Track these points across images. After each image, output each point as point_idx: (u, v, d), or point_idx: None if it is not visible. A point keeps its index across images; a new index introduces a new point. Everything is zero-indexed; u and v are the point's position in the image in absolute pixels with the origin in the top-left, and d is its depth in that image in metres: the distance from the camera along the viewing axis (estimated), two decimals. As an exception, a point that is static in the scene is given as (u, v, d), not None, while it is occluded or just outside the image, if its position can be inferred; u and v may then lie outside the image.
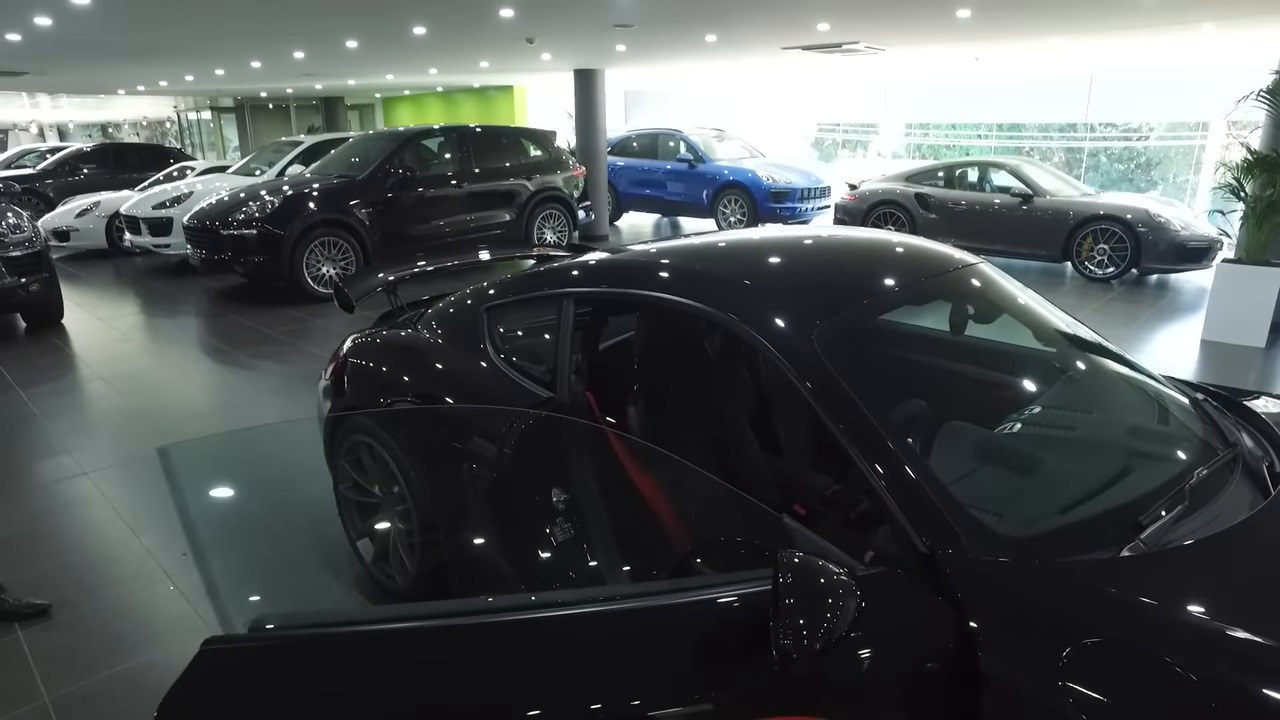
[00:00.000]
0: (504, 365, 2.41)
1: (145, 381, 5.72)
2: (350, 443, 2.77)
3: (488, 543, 2.39)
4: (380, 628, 1.27)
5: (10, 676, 2.53)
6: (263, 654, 1.21)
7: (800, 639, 1.12)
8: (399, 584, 2.67)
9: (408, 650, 1.23)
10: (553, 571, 2.07)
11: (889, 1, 7.05)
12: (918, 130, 20.40)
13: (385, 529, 2.75)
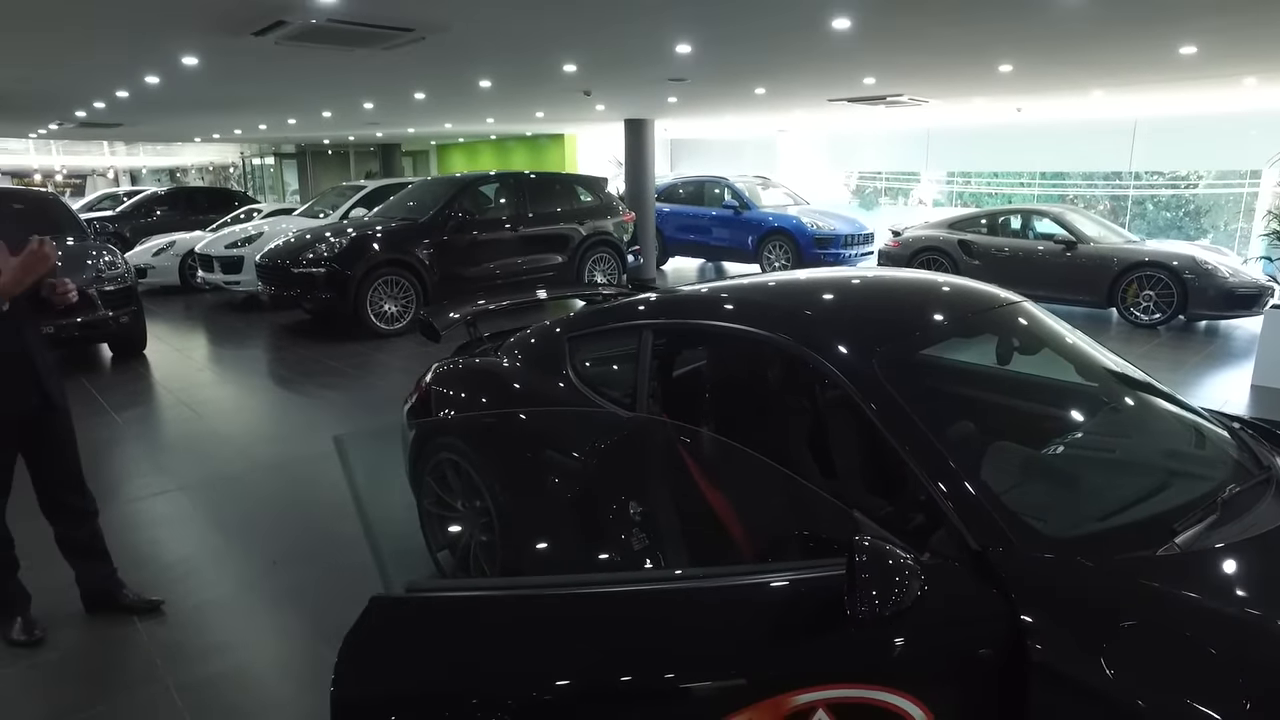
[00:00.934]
0: (584, 388, 2.66)
1: (224, 407, 6.09)
2: (436, 460, 3.02)
3: (566, 552, 2.60)
4: (509, 593, 1.51)
5: (135, 661, 2.79)
6: (416, 608, 1.45)
7: (873, 606, 1.32)
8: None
9: (529, 612, 1.47)
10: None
11: (933, 57, 7.33)
12: (959, 179, 20.55)
13: (466, 541, 2.99)
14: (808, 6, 5.24)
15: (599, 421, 2.50)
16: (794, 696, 1.40)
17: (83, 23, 5.50)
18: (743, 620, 1.50)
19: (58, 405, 2.78)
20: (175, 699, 2.60)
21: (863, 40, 6.38)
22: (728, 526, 2.23)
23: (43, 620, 2.93)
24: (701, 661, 1.45)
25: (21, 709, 2.55)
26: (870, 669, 1.46)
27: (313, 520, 3.96)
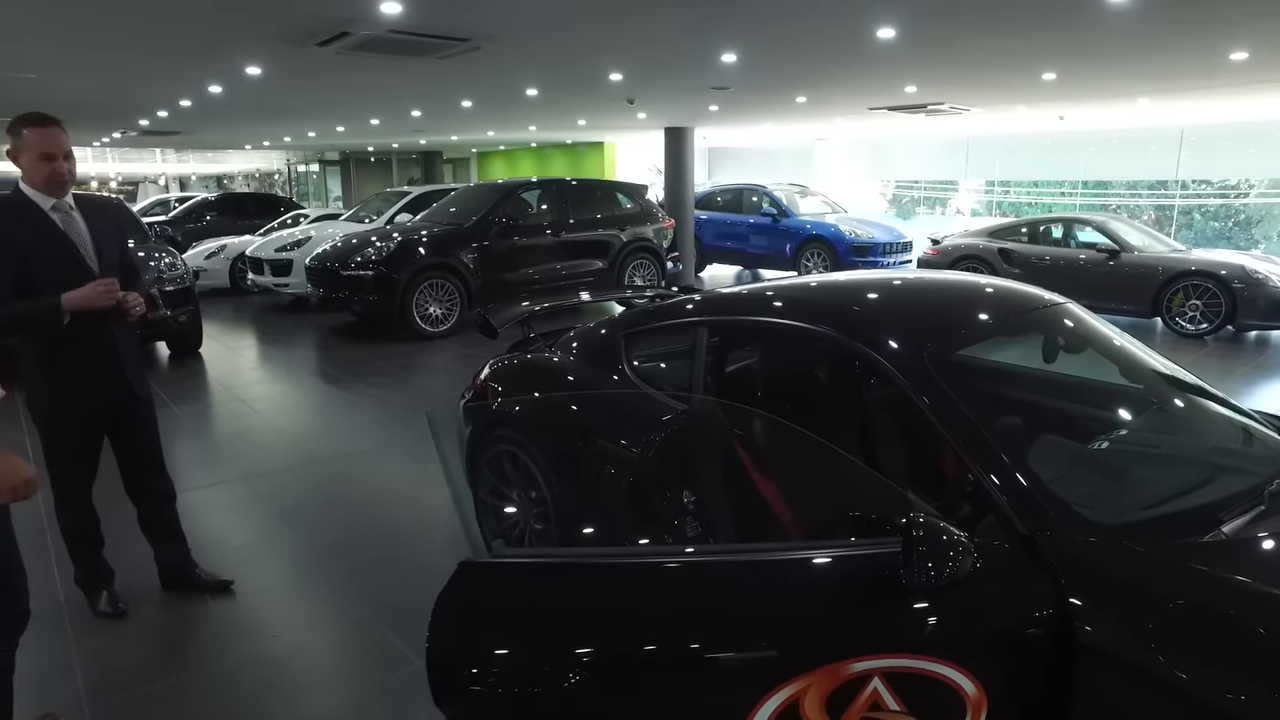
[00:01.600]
0: (640, 383, 2.77)
1: (277, 404, 6.31)
2: (494, 451, 3.15)
3: (620, 540, 2.71)
4: (585, 560, 1.63)
5: (208, 636, 2.96)
6: (501, 572, 1.58)
7: (928, 576, 1.41)
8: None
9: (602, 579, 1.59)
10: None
11: (976, 66, 7.36)
12: (998, 188, 20.36)
13: (522, 529, 3.11)
14: (854, 17, 5.33)
15: (657, 406, 2.61)
16: (850, 664, 1.49)
17: (163, 36, 5.78)
18: (801, 592, 1.60)
19: (140, 395, 2.95)
20: (246, 672, 2.75)
21: (906, 49, 6.44)
22: (779, 515, 2.32)
23: (125, 595, 3.11)
24: (762, 629, 1.55)
25: (109, 676, 2.72)
26: (924, 641, 1.55)
27: (366, 511, 4.12)
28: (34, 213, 2.67)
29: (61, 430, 2.84)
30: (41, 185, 2.67)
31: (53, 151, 2.62)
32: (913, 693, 1.51)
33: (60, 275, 2.65)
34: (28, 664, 2.78)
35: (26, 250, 2.62)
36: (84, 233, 2.76)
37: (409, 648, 2.83)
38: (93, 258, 2.76)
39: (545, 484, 2.86)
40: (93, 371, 2.80)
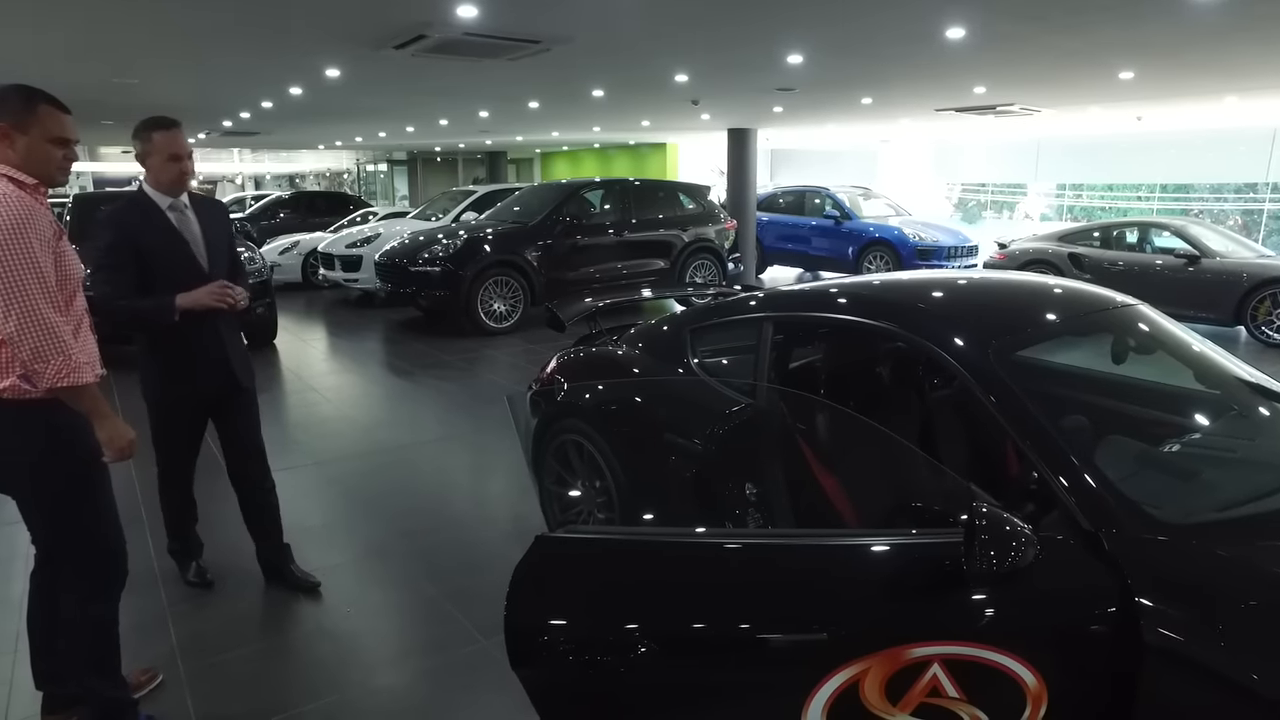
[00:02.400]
0: (705, 376, 2.83)
1: (348, 393, 6.55)
2: (559, 442, 3.24)
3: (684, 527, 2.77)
4: (653, 539, 1.70)
5: (286, 608, 3.14)
6: (574, 547, 1.67)
7: (989, 564, 1.44)
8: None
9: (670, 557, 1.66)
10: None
11: (1048, 66, 7.20)
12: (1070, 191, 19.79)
13: (585, 518, 3.20)
14: (923, 17, 5.29)
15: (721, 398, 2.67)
16: (911, 649, 1.52)
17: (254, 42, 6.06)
18: (862, 578, 1.64)
19: (244, 386, 3.09)
20: (323, 643, 2.90)
21: (976, 49, 6.35)
22: (840, 508, 2.36)
23: (213, 568, 3.30)
24: (824, 612, 1.59)
25: (198, 638, 2.90)
26: (984, 630, 1.57)
27: (432, 497, 4.28)
28: (153, 212, 2.84)
29: (168, 416, 3.01)
30: (166, 185, 2.83)
31: (179, 152, 2.79)
32: (973, 680, 1.53)
33: (173, 271, 2.83)
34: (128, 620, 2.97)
35: (145, 248, 2.80)
36: (196, 230, 2.92)
37: (474, 627, 2.94)
38: (203, 254, 2.91)
39: (609, 473, 2.94)
40: (198, 362, 2.95)
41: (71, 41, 5.99)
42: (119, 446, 2.12)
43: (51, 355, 1.95)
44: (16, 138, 2.04)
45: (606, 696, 1.58)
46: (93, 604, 2.24)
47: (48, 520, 2.17)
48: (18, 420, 2.03)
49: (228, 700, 2.58)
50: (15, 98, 2.05)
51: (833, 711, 1.51)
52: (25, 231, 1.94)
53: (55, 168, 2.11)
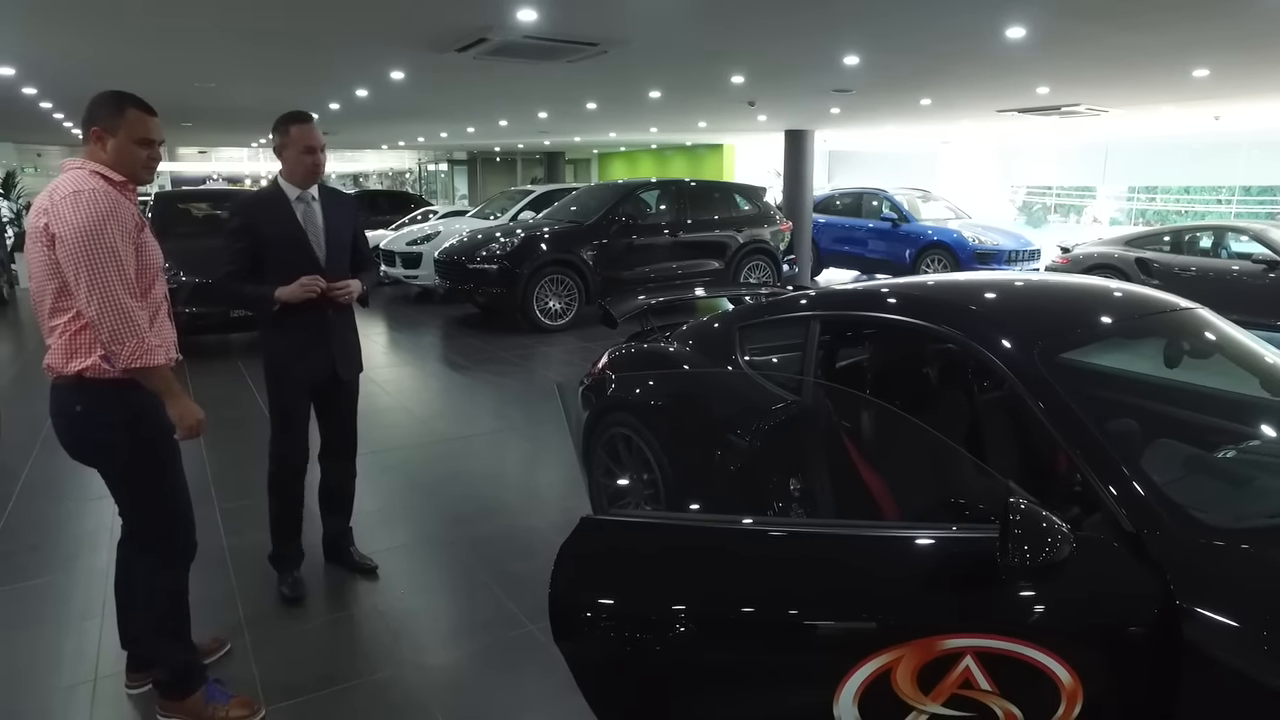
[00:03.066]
0: (753, 374, 2.88)
1: (407, 386, 6.74)
2: (609, 435, 3.32)
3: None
4: (695, 524, 1.77)
5: (346, 586, 3.28)
6: (618, 529, 1.75)
7: (1023, 557, 1.46)
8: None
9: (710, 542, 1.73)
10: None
11: (1115, 64, 7.02)
12: (1142, 194, 19.14)
13: (632, 508, 3.26)
14: (982, 16, 5.23)
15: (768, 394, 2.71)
16: (944, 640, 1.55)
17: (325, 46, 6.30)
18: (899, 568, 1.67)
19: (344, 378, 3.19)
20: (377, 621, 3.03)
21: (1038, 49, 6.24)
22: (883, 507, 2.38)
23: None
24: (859, 600, 1.63)
25: (261, 612, 3.06)
26: (1018, 625, 1.58)
27: (485, 487, 4.40)
28: (281, 202, 2.96)
29: (278, 394, 3.12)
30: (299, 177, 2.94)
31: (313, 145, 2.92)
32: (1006, 675, 1.54)
33: (287, 260, 2.93)
34: (200, 593, 3.15)
35: (264, 236, 2.93)
36: (319, 223, 3.01)
37: (522, 612, 3.03)
38: (321, 246, 3.00)
39: (657, 466, 3.01)
40: (307, 352, 3.04)
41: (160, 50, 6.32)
42: (188, 424, 2.25)
43: (127, 337, 2.09)
44: (108, 139, 2.19)
45: (643, 672, 1.65)
46: (162, 574, 2.39)
47: (123, 492, 2.32)
48: (99, 397, 2.19)
49: (289, 669, 2.72)
50: (107, 103, 2.20)
51: (865, 697, 1.54)
52: (108, 224, 2.08)
53: (141, 166, 2.24)
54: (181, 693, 2.40)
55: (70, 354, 2.16)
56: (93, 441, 2.25)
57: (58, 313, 2.16)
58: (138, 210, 2.25)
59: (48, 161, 21.71)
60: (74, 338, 2.15)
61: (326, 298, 2.97)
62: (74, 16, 5.23)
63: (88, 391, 2.18)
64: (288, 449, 3.16)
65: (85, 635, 2.90)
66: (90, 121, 2.21)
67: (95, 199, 2.08)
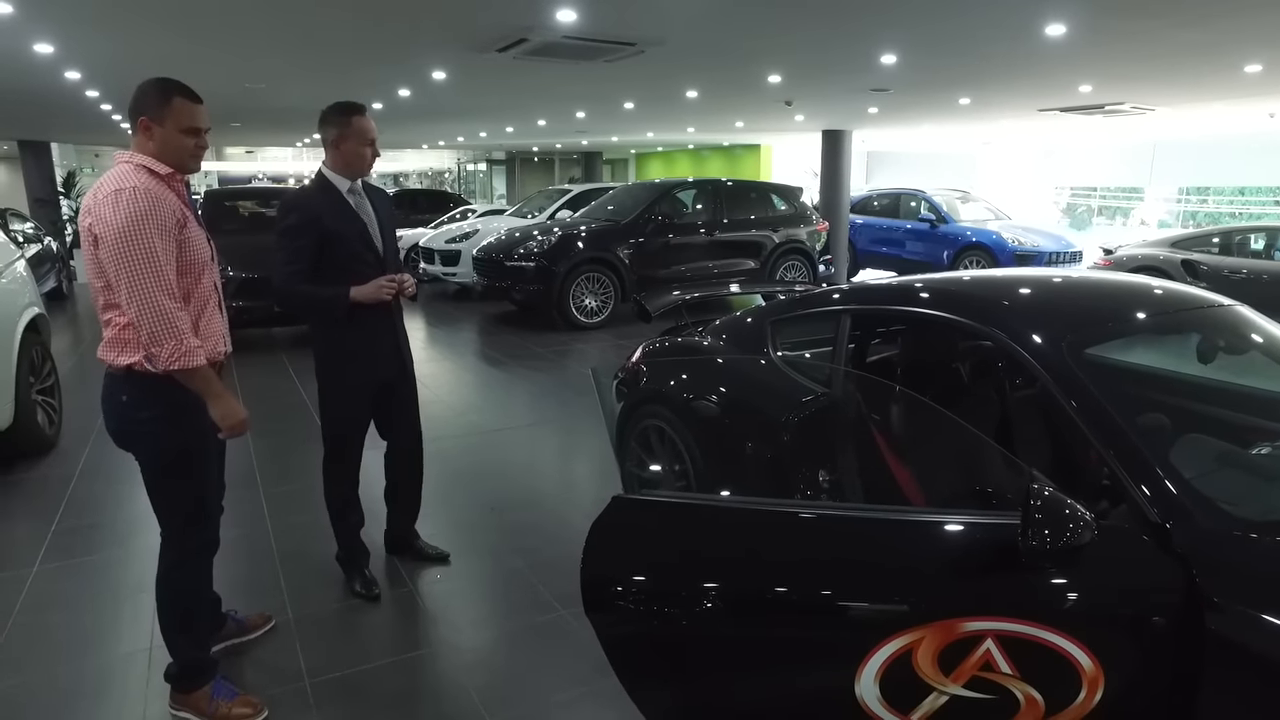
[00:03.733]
0: (785, 367, 2.92)
1: (445, 381, 6.87)
2: (643, 426, 3.38)
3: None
4: (722, 505, 1.83)
5: (385, 570, 3.38)
6: (648, 508, 1.82)
7: (1044, 542, 1.48)
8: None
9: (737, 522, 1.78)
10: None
11: (1162, 61, 6.90)
12: (1193, 196, 18.66)
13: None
14: (1021, 14, 5.19)
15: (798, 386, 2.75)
16: (964, 623, 1.58)
17: (369, 48, 6.47)
18: (922, 551, 1.70)
19: (410, 375, 3.26)
20: (413, 602, 3.14)
21: (1080, 46, 6.16)
22: (911, 498, 2.41)
23: (315, 534, 3.53)
24: (882, 582, 1.67)
25: (305, 592, 3.18)
26: (1041, 610, 1.60)
27: (520, 478, 4.50)
28: (335, 196, 2.91)
29: (342, 401, 3.06)
30: (354, 168, 2.91)
31: (374, 137, 2.91)
32: (1026, 659, 1.57)
33: (350, 253, 2.90)
34: (244, 571, 3.29)
35: (329, 229, 2.86)
36: (371, 214, 2.99)
37: (555, 598, 3.11)
38: (378, 238, 2.98)
39: (689, 457, 3.06)
40: (375, 349, 3.03)
41: (217, 52, 6.53)
42: (230, 425, 2.24)
43: (165, 339, 2.09)
44: (155, 129, 2.17)
45: (670, 645, 1.70)
46: (179, 569, 2.39)
47: (152, 482, 2.34)
48: (143, 389, 2.21)
49: (329, 646, 2.82)
50: (153, 92, 2.18)
51: (886, 676, 1.58)
52: (146, 225, 2.07)
53: (188, 156, 2.23)
54: (190, 686, 2.42)
55: (120, 348, 2.20)
56: (134, 431, 2.27)
57: (108, 308, 2.20)
58: (184, 202, 2.25)
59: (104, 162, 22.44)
60: (121, 332, 2.18)
61: (400, 295, 2.99)
62: (140, 20, 5.44)
63: (134, 383, 2.20)
64: (341, 479, 3.13)
65: (141, 607, 3.04)
66: (137, 111, 2.19)
67: (134, 199, 2.08)
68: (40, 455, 4.68)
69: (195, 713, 2.41)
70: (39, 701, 2.53)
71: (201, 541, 2.44)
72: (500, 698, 2.53)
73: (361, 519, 3.25)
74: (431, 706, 2.54)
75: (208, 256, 2.33)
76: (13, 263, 4.87)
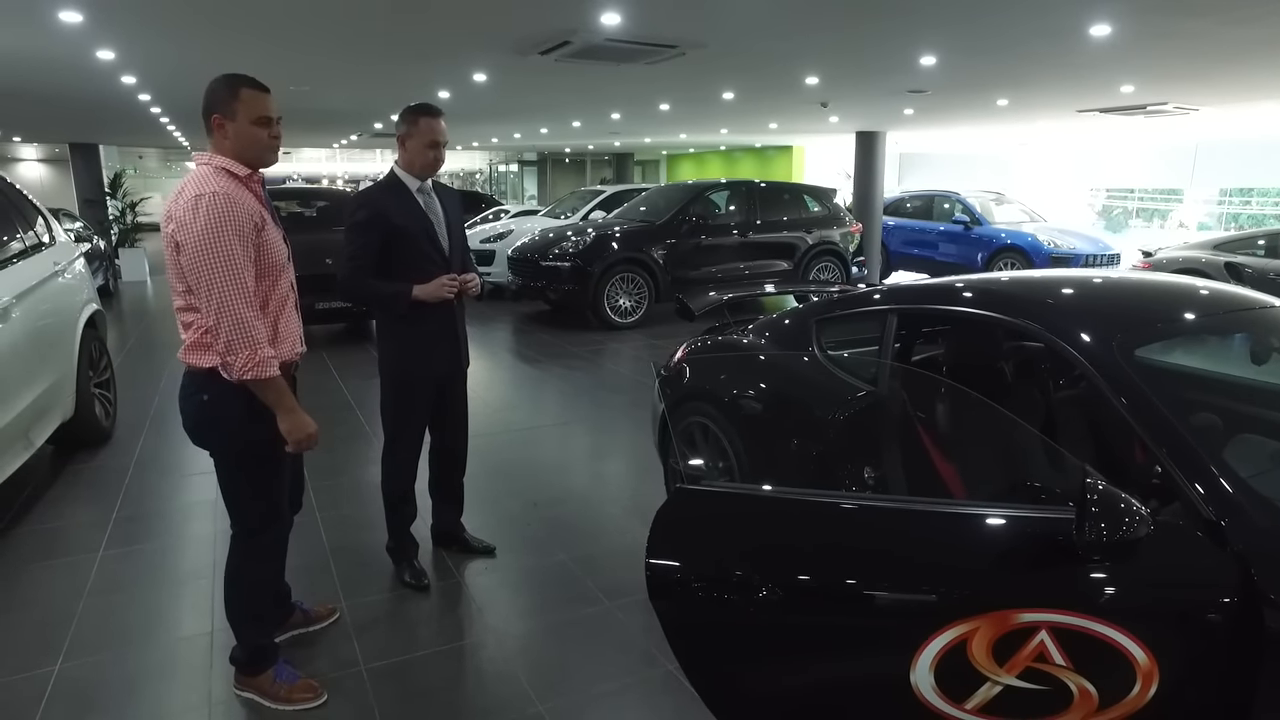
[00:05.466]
0: (829, 364, 2.95)
1: (479, 378, 6.95)
2: (686, 423, 3.43)
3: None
4: (781, 497, 1.88)
5: (434, 561, 3.46)
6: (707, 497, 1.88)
7: (1099, 535, 1.51)
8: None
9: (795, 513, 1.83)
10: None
11: (1207, 60, 6.80)
12: (1236, 198, 18.28)
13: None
14: (1065, 14, 5.16)
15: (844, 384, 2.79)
16: (1019, 614, 1.61)
17: (413, 50, 6.58)
18: (978, 544, 1.73)
19: (464, 374, 3.36)
20: (462, 593, 3.21)
21: (1125, 46, 6.10)
22: (955, 495, 2.43)
23: (365, 525, 3.65)
24: (939, 573, 1.71)
25: (355, 580, 3.27)
26: (1094, 603, 1.63)
27: (558, 474, 4.58)
28: (404, 194, 2.99)
29: (403, 395, 3.14)
30: (420, 168, 2.98)
31: (438, 139, 2.97)
32: (1081, 651, 1.59)
33: (417, 251, 2.97)
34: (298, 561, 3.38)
35: (395, 226, 2.94)
36: (440, 214, 3.06)
37: (599, 590, 3.16)
38: (444, 236, 3.05)
39: (733, 453, 3.11)
40: (436, 346, 3.10)
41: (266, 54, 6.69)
42: (297, 439, 2.27)
43: (241, 349, 2.12)
44: (228, 125, 2.18)
45: (731, 632, 1.75)
46: (249, 562, 2.46)
47: (227, 481, 2.41)
48: (223, 391, 2.24)
49: (382, 633, 2.91)
50: (220, 88, 2.19)
51: (941, 664, 1.62)
52: (224, 232, 2.10)
53: (264, 148, 2.23)
54: (254, 670, 2.51)
55: (203, 351, 2.23)
56: (211, 430, 2.33)
57: (188, 311, 2.22)
58: (263, 203, 2.28)
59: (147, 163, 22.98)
60: (203, 336, 2.21)
61: (463, 292, 3.06)
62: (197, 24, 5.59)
63: (215, 384, 2.23)
64: (399, 472, 3.19)
65: (200, 592, 3.15)
66: (209, 110, 2.20)
67: (214, 204, 2.10)
68: (98, 446, 4.84)
69: (259, 694, 2.50)
70: (110, 681, 2.63)
71: (273, 537, 2.50)
72: (548, 684, 2.60)
73: (415, 512, 3.34)
74: (481, 692, 2.61)
75: (285, 257, 2.36)
76: (74, 260, 5.04)
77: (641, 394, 5.94)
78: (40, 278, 4.34)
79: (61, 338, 4.46)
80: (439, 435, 3.38)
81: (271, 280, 2.31)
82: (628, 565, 3.26)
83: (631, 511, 3.94)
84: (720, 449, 3.19)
